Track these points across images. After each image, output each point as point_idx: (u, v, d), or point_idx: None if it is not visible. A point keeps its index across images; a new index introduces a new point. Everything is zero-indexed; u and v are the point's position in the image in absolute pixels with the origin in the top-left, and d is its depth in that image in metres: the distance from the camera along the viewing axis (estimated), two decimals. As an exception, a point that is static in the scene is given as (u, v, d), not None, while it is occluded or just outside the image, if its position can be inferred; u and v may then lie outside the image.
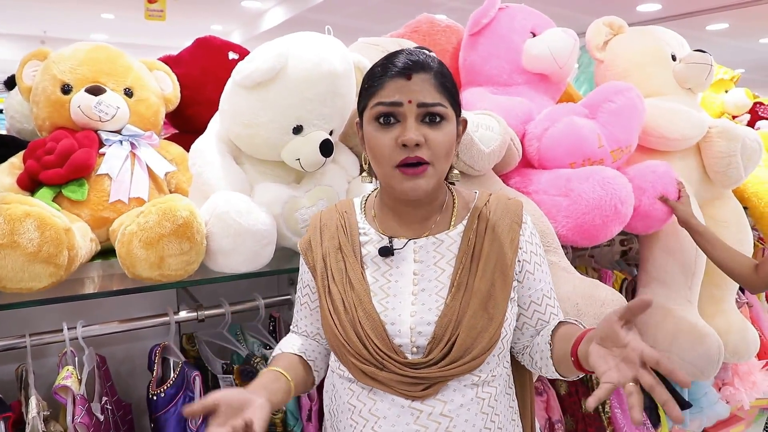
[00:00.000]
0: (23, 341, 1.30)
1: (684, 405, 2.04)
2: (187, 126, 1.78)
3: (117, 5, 8.04)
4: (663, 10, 7.61)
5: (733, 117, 3.33)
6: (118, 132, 1.44)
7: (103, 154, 1.38)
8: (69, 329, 1.32)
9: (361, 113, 1.04)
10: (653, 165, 1.77)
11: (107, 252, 1.34)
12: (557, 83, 1.96)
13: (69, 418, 1.23)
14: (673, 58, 2.04)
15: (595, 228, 1.56)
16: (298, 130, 1.37)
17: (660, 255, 1.90)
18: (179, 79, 1.67)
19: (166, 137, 1.74)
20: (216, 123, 1.50)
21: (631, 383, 0.76)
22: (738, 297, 2.21)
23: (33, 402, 1.22)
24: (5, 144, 1.58)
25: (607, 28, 2.14)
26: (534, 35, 1.89)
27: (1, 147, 1.53)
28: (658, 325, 1.83)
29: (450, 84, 1.01)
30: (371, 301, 1.04)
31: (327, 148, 1.37)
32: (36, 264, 1.11)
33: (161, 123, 1.60)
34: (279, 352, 1.17)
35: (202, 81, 1.73)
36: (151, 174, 1.44)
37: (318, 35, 1.39)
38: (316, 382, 1.18)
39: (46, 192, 1.32)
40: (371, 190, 1.17)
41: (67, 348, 1.33)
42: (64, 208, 1.31)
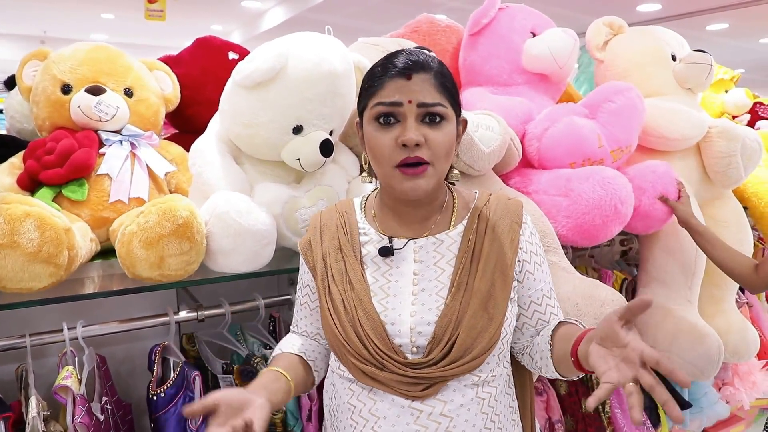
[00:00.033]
0: (23, 341, 1.30)
1: (684, 405, 2.04)
2: (187, 126, 1.78)
3: (117, 5, 8.04)
4: (663, 10, 7.61)
5: (733, 117, 3.32)
6: (118, 132, 1.44)
7: (103, 154, 1.39)
8: (69, 329, 1.32)
9: (361, 113, 1.04)
10: (653, 165, 1.77)
11: (107, 252, 1.34)
12: (557, 83, 1.96)
13: (69, 418, 1.23)
14: (673, 58, 2.04)
15: (595, 228, 1.56)
16: (298, 130, 1.37)
17: (660, 255, 1.90)
18: (179, 79, 1.67)
19: (166, 137, 1.74)
20: (216, 123, 1.50)
21: (631, 383, 0.76)
22: (738, 297, 2.20)
23: (33, 402, 1.22)
24: (5, 144, 1.58)
25: (607, 28, 2.14)
26: (534, 35, 1.89)
27: (1, 147, 1.53)
28: (658, 325, 1.83)
29: (450, 84, 1.01)
30: (371, 301, 1.04)
31: (327, 148, 1.37)
32: (36, 264, 1.11)
33: (161, 123, 1.60)
34: (279, 352, 1.17)
35: (202, 81, 1.73)
36: (151, 174, 1.44)
37: (318, 35, 1.39)
38: (316, 382, 1.18)
39: (46, 192, 1.32)
40: (371, 190, 1.17)
41: (67, 348, 1.33)
42: (64, 208, 1.31)
